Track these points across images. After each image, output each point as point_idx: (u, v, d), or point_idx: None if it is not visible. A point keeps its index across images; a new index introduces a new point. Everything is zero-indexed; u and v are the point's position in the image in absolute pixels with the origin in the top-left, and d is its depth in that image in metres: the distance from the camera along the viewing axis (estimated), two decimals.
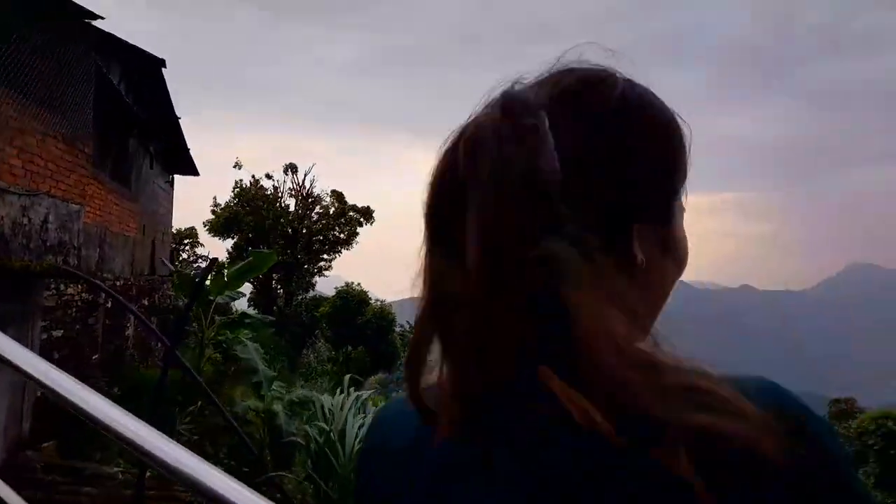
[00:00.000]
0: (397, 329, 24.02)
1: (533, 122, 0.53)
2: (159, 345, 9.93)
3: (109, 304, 8.77)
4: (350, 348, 21.92)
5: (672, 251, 0.61)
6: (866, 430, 17.66)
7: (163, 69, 10.86)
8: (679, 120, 0.62)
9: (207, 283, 7.76)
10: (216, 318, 8.70)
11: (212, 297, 7.93)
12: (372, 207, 25.84)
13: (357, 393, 6.05)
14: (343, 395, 5.32)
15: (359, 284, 23.55)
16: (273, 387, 6.98)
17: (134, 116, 11.34)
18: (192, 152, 15.85)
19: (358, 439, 5.14)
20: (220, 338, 8.12)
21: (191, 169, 17.45)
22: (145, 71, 10.91)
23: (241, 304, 14.86)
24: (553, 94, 0.58)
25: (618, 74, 0.61)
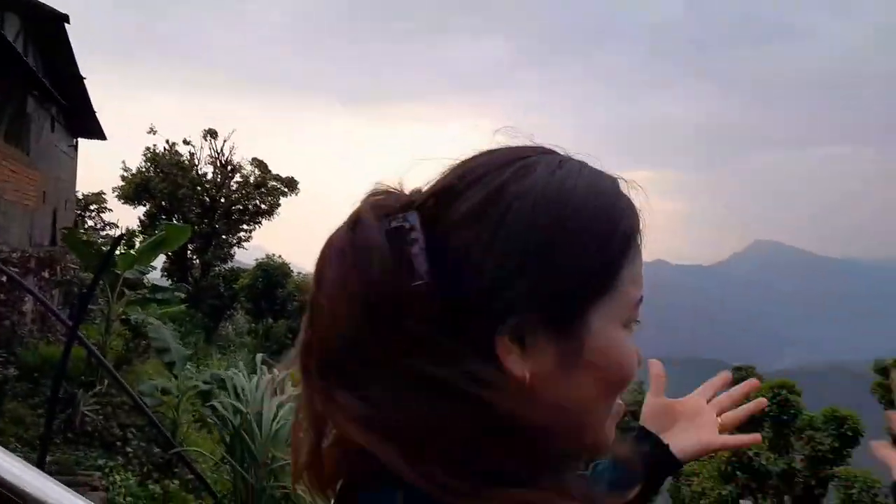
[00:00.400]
0: None
1: (390, 227, 0.51)
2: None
3: (5, 278, 8.18)
4: (271, 321, 21.47)
5: (575, 364, 0.52)
6: (763, 397, 19.10)
7: (66, 25, 10.09)
8: (607, 211, 0.55)
9: (117, 253, 7.34)
10: (125, 291, 8.26)
11: (119, 272, 7.52)
12: (296, 178, 25.16)
13: (272, 375, 5.91)
14: (258, 376, 5.18)
15: (280, 257, 23.01)
16: (187, 366, 6.72)
17: (33, 76, 10.49)
18: (100, 115, 14.89)
19: (276, 420, 5.02)
20: (129, 314, 7.73)
21: (97, 132, 16.40)
22: (47, 27, 10.11)
23: (153, 274, 14.24)
24: (432, 191, 0.55)
25: (518, 163, 0.55)
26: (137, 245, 8.93)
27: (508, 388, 0.50)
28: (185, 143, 24.29)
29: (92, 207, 24.33)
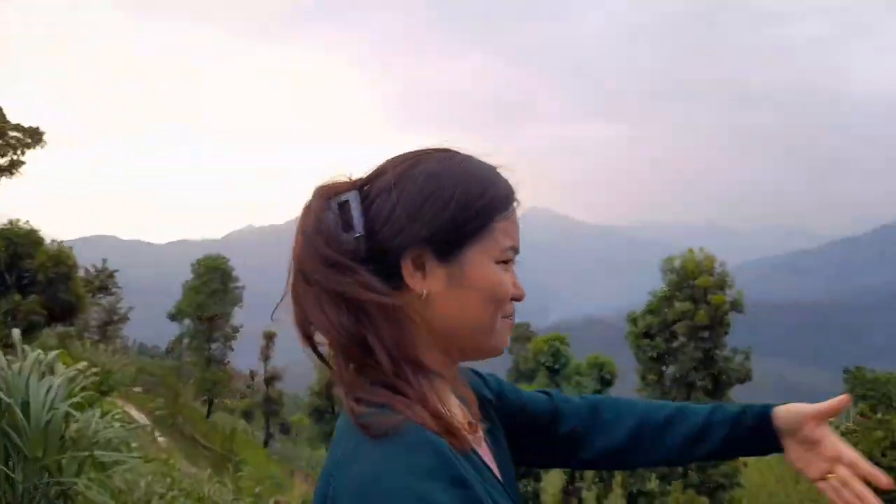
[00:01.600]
0: (80, 273, 21.26)
1: (340, 201, 0.79)
2: None
3: None
4: (19, 297, 18.74)
5: (460, 285, 0.78)
6: (540, 350, 21.33)
7: None
8: (477, 184, 0.80)
9: None
10: None
11: None
12: (41, 128, 21.78)
13: (38, 354, 5.11)
14: (21, 359, 4.42)
15: (27, 222, 19.96)
16: None
17: None
18: None
19: (46, 408, 4.34)
20: None
21: None
22: None
23: None
24: (367, 178, 0.83)
25: (420, 156, 0.82)
26: None
27: (407, 301, 0.78)
28: None
29: None
